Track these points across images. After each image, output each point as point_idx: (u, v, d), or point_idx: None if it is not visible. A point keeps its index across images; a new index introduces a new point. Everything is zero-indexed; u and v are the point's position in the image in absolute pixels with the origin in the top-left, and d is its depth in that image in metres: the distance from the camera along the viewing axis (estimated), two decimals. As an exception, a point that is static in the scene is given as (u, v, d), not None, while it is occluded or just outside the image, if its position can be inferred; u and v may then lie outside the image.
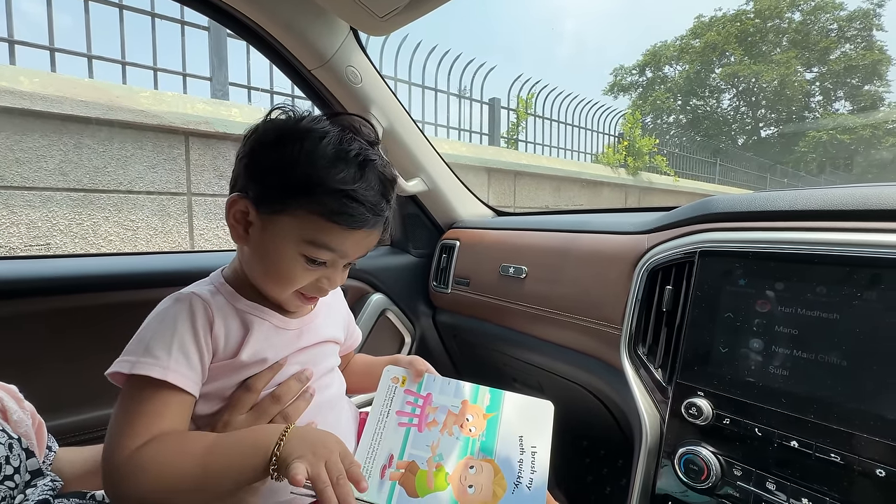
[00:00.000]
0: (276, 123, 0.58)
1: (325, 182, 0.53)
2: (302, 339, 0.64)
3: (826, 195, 0.62)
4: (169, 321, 0.55)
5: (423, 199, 1.33)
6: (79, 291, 0.85)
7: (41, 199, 2.07)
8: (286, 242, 0.56)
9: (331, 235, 0.55)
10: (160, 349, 0.52)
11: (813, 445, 0.53)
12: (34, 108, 1.99)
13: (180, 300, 0.57)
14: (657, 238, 0.80)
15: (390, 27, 0.88)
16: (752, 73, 21.35)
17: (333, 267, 0.59)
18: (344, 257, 0.59)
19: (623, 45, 54.25)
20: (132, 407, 0.50)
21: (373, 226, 0.57)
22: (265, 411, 0.57)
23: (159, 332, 0.53)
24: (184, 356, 0.53)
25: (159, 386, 0.51)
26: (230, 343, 0.57)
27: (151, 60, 2.56)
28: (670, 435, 0.66)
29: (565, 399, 1.12)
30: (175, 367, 0.52)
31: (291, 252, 0.56)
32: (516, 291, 1.07)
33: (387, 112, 1.12)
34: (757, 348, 0.60)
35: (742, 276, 0.63)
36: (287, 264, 0.56)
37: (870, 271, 0.53)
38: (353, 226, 0.55)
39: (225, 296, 0.60)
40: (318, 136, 0.55)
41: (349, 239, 0.56)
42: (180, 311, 0.55)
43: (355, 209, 0.54)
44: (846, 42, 20.82)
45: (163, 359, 0.51)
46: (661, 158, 6.90)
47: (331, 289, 0.61)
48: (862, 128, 18.90)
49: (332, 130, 0.57)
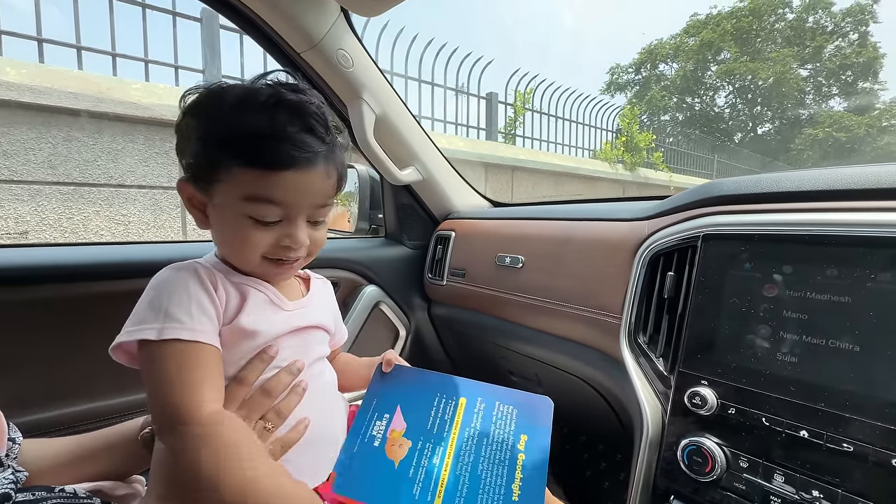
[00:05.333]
0: (189, 101, 0.57)
1: (237, 131, 0.52)
2: (296, 320, 0.62)
3: (835, 174, 0.59)
4: (181, 285, 0.54)
5: (417, 189, 1.30)
6: (54, 281, 0.82)
7: (29, 192, 2.03)
8: (230, 209, 0.55)
9: (264, 185, 0.53)
10: (182, 313, 0.52)
11: (824, 435, 0.51)
12: (21, 100, 1.95)
13: (183, 268, 0.56)
14: (658, 224, 0.77)
15: (381, 7, 0.85)
16: (748, 71, 21.37)
17: (289, 222, 0.57)
18: (292, 207, 0.56)
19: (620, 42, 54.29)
20: (178, 370, 0.49)
21: (307, 165, 0.54)
22: (257, 405, 0.56)
23: (175, 297, 0.53)
24: (205, 315, 0.53)
25: (192, 347, 0.51)
26: (230, 309, 0.57)
27: (142, 52, 2.52)
28: (673, 426, 0.64)
29: (563, 392, 1.09)
30: (201, 328, 0.52)
31: (238, 217, 0.55)
32: (513, 282, 1.04)
33: (380, 98, 1.09)
34: (764, 334, 0.57)
35: (748, 259, 0.60)
36: (240, 232, 0.55)
37: (885, 252, 0.50)
38: (279, 166, 0.53)
39: (221, 271, 0.59)
40: (223, 93, 0.55)
41: (283, 184, 0.54)
42: (189, 276, 0.55)
43: (276, 147, 0.52)
44: (840, 38, 20.88)
45: (187, 322, 0.51)
46: (658, 155, 6.90)
47: (295, 246, 0.57)
48: (858, 125, 18.97)
49: (238, 85, 0.56)
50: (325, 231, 0.63)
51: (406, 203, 1.33)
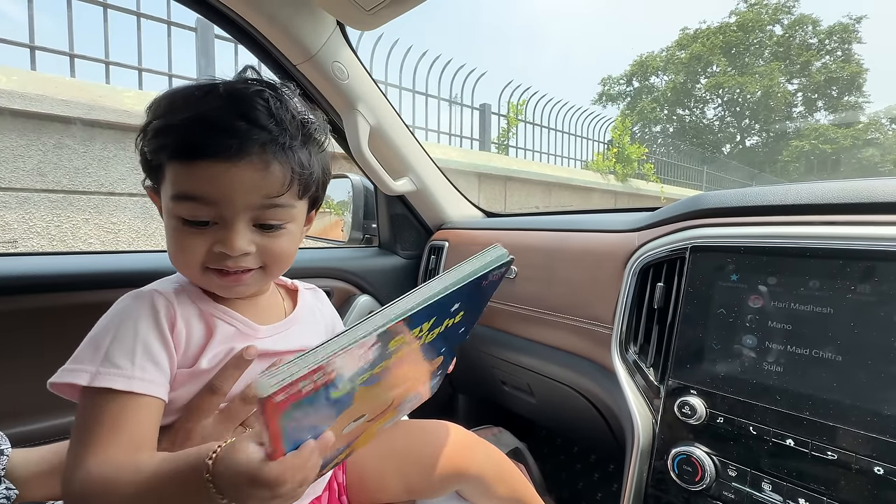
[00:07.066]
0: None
1: (167, 122, 0.49)
2: (271, 345, 0.56)
3: (817, 189, 0.61)
4: (129, 322, 0.48)
5: (411, 200, 1.31)
6: (42, 291, 0.81)
7: (17, 199, 2.01)
8: (166, 212, 0.51)
9: (186, 178, 0.48)
10: (122, 356, 0.46)
11: (809, 444, 0.52)
12: (12, 107, 1.94)
13: (140, 297, 0.51)
14: (648, 235, 0.78)
15: (377, 21, 0.87)
16: (737, 84, 21.85)
17: (224, 224, 0.50)
18: (222, 205, 0.48)
19: (613, 52, 55.29)
20: (95, 422, 0.45)
21: (235, 153, 0.47)
22: (234, 415, 0.51)
23: (119, 336, 0.47)
24: (150, 360, 0.47)
25: (123, 399, 0.45)
26: (191, 347, 0.51)
27: (136, 60, 2.51)
28: (663, 435, 0.64)
29: (556, 402, 1.10)
30: (140, 375, 0.46)
31: (171, 219, 0.50)
32: (506, 292, 1.05)
33: (374, 110, 1.10)
34: (750, 344, 0.58)
35: (734, 271, 0.62)
36: (174, 236, 0.51)
37: (863, 264, 0.52)
38: (197, 154, 0.47)
39: (189, 294, 0.54)
40: (174, 90, 0.52)
41: (204, 175, 0.47)
42: (141, 310, 0.50)
43: (198, 134, 0.47)
44: (826, 54, 21.46)
45: (126, 367, 0.46)
46: (650, 166, 6.99)
47: (230, 252, 0.49)
48: (843, 137, 19.43)
49: (194, 83, 0.53)
50: (288, 240, 0.55)
51: (400, 213, 1.33)
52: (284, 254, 0.55)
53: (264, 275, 0.55)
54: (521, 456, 1.27)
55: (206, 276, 0.52)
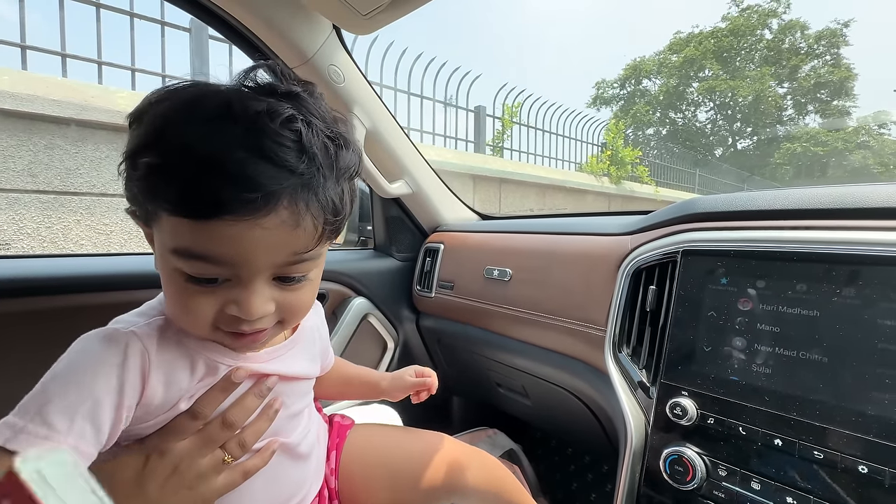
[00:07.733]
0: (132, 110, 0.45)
1: (162, 159, 0.37)
2: (266, 368, 0.51)
3: (805, 194, 0.62)
4: (87, 376, 0.40)
5: (406, 202, 1.31)
6: (32, 294, 0.80)
7: (7, 200, 1.99)
8: (163, 259, 0.41)
9: (195, 236, 0.38)
10: (59, 415, 0.37)
11: (796, 444, 0.53)
12: (2, 107, 1.92)
13: (112, 342, 0.42)
14: (640, 239, 0.80)
15: (374, 25, 0.87)
16: (729, 88, 22.10)
17: (239, 283, 0.41)
18: (239, 266, 0.40)
19: (607, 55, 55.67)
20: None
21: (255, 210, 0.37)
22: (213, 438, 0.45)
23: (68, 389, 0.39)
24: (91, 425, 0.39)
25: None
26: (171, 393, 0.44)
27: (129, 61, 2.50)
28: (655, 436, 0.65)
29: (550, 404, 1.11)
30: (73, 442, 0.38)
31: (172, 273, 0.41)
32: (501, 294, 1.06)
33: (370, 113, 1.11)
34: (740, 347, 0.59)
35: (724, 274, 0.63)
36: (177, 293, 0.42)
37: (848, 268, 0.53)
38: (206, 214, 0.37)
39: (174, 328, 0.46)
40: (167, 99, 0.41)
41: (218, 237, 0.38)
42: (106, 362, 0.41)
43: (204, 186, 0.36)
44: (815, 59, 21.77)
45: (58, 431, 0.37)
46: (643, 169, 7.05)
47: (245, 317, 0.41)
48: (834, 140, 19.70)
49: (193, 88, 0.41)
50: (311, 291, 0.47)
51: (395, 215, 1.34)
52: (306, 306, 0.48)
53: (281, 328, 0.48)
54: (516, 457, 1.28)
55: (217, 335, 0.45)
